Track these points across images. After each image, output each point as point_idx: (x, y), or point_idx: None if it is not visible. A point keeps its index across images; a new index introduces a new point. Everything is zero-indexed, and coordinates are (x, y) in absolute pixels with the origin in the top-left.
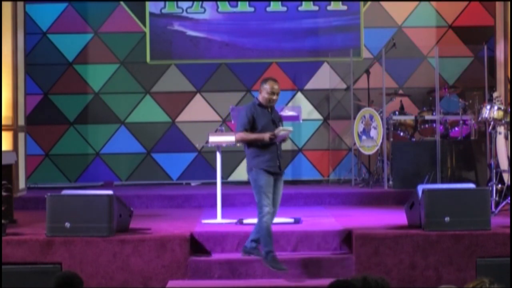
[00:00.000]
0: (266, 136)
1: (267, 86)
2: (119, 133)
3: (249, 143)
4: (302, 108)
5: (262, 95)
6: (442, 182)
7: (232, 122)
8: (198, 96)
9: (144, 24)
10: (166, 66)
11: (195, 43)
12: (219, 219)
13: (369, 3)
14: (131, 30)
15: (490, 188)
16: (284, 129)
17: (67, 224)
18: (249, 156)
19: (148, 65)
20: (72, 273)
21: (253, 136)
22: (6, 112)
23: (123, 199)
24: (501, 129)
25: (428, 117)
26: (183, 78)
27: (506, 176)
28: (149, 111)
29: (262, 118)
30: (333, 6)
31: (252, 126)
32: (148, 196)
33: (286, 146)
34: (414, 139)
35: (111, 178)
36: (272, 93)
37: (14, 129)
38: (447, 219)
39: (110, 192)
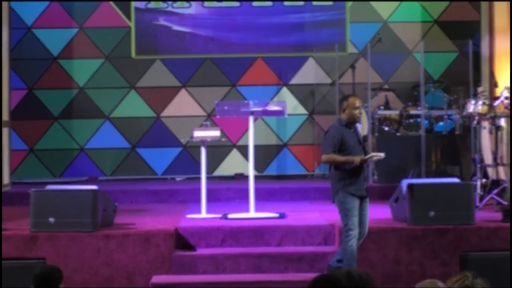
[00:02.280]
0: (357, 159)
1: (351, 102)
2: (103, 128)
3: (336, 166)
4: (287, 103)
5: (347, 112)
6: (427, 176)
7: (217, 117)
8: (183, 91)
9: (130, 19)
10: (151, 61)
11: (180, 38)
12: (203, 214)
13: None
14: (116, 25)
15: (475, 183)
16: (376, 155)
17: (51, 219)
18: (334, 179)
19: (133, 60)
20: (52, 267)
21: (343, 159)
22: None
23: (107, 194)
24: (485, 124)
25: (413, 111)
26: (168, 73)
27: (490, 171)
28: (134, 106)
29: (349, 139)
30: (318, 1)
31: (340, 148)
32: (132, 191)
33: (271, 141)
34: (399, 134)
35: (96, 173)
36: (357, 107)
37: None
38: (431, 213)
39: (94, 187)
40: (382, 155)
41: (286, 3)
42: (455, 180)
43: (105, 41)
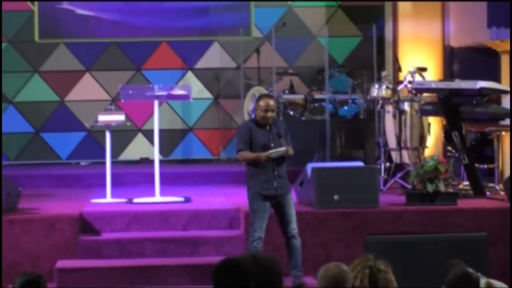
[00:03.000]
0: (262, 156)
1: (261, 104)
2: (7, 112)
3: (249, 162)
4: (192, 87)
5: (257, 113)
6: (332, 160)
7: (122, 101)
8: (87, 75)
9: (33, 3)
10: (55, 45)
11: (84, 22)
12: (108, 199)
13: None
14: (19, 8)
15: (379, 166)
16: (275, 151)
17: None
18: (247, 175)
19: (36, 43)
20: None
21: (251, 156)
22: None
23: (11, 179)
24: (389, 108)
25: (317, 96)
26: (72, 57)
27: (394, 155)
28: (37, 91)
29: (259, 136)
30: None
31: (250, 144)
32: (37, 176)
33: (176, 125)
34: (303, 118)
35: None
36: (266, 110)
37: None
38: (336, 197)
39: None
40: (281, 149)
41: None
42: (360, 164)
43: (8, 25)
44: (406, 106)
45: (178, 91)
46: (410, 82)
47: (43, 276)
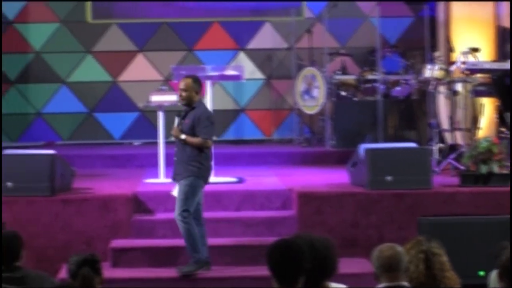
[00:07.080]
0: None
1: None
2: (60, 92)
3: None
4: (245, 68)
5: None
6: (384, 141)
7: (175, 81)
8: (140, 55)
9: None
10: (107, 25)
11: (136, 2)
12: (162, 179)
13: None
14: None
15: (432, 148)
16: None
17: (9, 184)
18: None
19: (89, 24)
20: (13, 234)
21: None
22: None
23: (65, 158)
24: (442, 89)
25: (370, 76)
26: (125, 37)
27: (447, 136)
28: (90, 71)
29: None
30: None
31: None
32: (90, 156)
33: (228, 105)
34: (356, 99)
35: (53, 138)
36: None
37: None
38: (389, 178)
39: (52, 151)
40: None
41: None
42: (413, 144)
43: (61, 5)
44: (459, 87)
45: (230, 72)
46: (463, 63)
47: (98, 255)
